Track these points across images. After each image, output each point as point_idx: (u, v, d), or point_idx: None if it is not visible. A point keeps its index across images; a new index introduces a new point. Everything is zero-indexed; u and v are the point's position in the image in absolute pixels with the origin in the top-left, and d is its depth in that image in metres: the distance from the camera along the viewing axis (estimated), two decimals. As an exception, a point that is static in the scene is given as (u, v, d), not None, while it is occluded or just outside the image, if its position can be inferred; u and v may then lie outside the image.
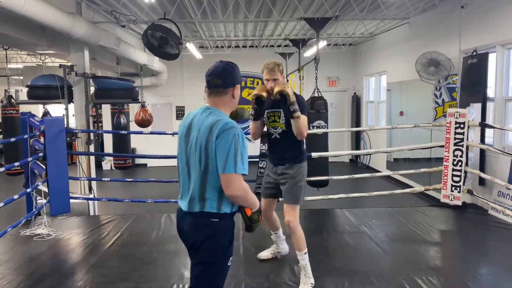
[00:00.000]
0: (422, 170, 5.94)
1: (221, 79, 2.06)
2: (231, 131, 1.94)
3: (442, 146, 5.56)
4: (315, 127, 5.60)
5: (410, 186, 7.38)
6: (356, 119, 11.93)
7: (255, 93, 3.21)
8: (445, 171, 5.49)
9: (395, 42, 9.31)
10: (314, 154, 5.39)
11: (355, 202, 6.48)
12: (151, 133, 7.34)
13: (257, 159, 5.44)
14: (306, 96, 6.63)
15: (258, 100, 3.22)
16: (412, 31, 8.39)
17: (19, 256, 4.01)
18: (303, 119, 3.14)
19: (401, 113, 9.13)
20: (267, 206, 3.51)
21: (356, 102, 11.99)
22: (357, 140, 11.87)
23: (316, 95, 5.95)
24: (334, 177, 5.77)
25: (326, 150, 5.77)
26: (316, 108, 5.69)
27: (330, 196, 5.68)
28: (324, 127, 5.68)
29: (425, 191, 6.14)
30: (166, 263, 3.79)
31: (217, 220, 2.02)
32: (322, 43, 9.96)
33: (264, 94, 3.19)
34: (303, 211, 5.17)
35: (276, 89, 3.10)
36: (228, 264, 2.10)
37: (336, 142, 10.67)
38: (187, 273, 3.55)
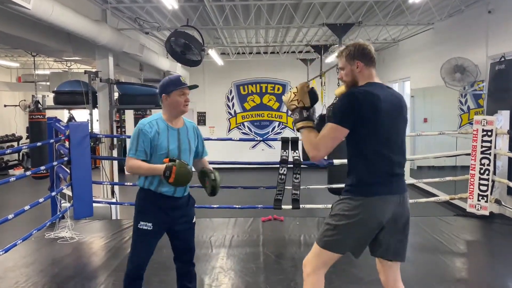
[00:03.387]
0: (448, 178, 5.79)
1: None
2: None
3: (468, 154, 5.41)
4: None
5: (435, 195, 7.20)
6: (379, 126, 11.75)
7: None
8: (472, 179, 5.34)
9: (419, 47, 9.16)
10: (336, 161, 5.33)
11: (378, 210, 6.35)
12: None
13: (278, 165, 5.39)
14: (328, 102, 6.57)
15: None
16: (437, 37, 8.24)
17: (43, 259, 4.09)
18: (310, 132, 2.30)
19: (425, 120, 8.97)
20: (379, 269, 2.54)
21: (379, 109, 11.82)
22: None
23: (338, 101, 5.90)
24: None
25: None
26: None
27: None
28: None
29: (450, 200, 5.99)
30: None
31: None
32: (344, 49, 9.88)
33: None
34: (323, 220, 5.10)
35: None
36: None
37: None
38: (207, 279, 3.55)
